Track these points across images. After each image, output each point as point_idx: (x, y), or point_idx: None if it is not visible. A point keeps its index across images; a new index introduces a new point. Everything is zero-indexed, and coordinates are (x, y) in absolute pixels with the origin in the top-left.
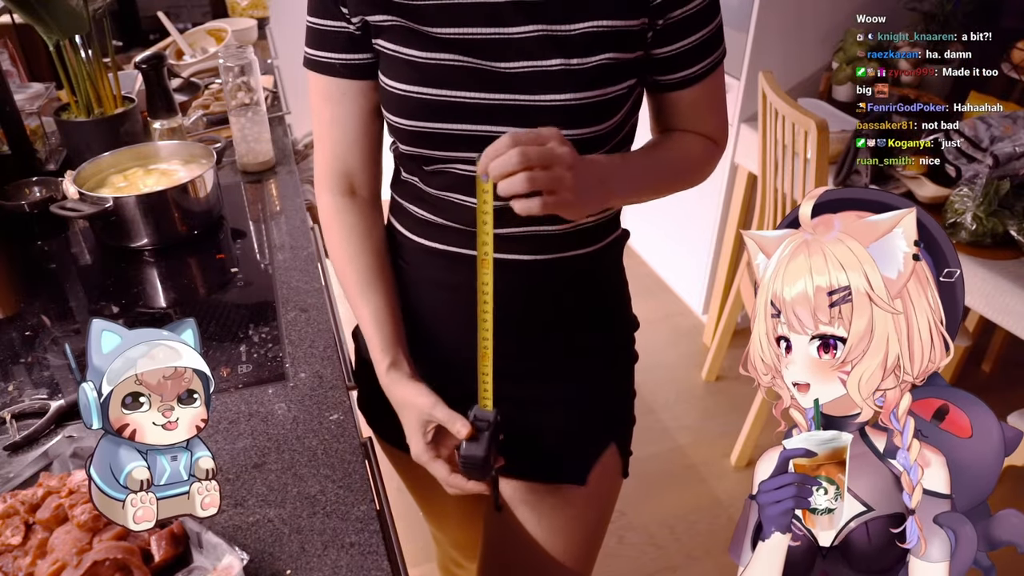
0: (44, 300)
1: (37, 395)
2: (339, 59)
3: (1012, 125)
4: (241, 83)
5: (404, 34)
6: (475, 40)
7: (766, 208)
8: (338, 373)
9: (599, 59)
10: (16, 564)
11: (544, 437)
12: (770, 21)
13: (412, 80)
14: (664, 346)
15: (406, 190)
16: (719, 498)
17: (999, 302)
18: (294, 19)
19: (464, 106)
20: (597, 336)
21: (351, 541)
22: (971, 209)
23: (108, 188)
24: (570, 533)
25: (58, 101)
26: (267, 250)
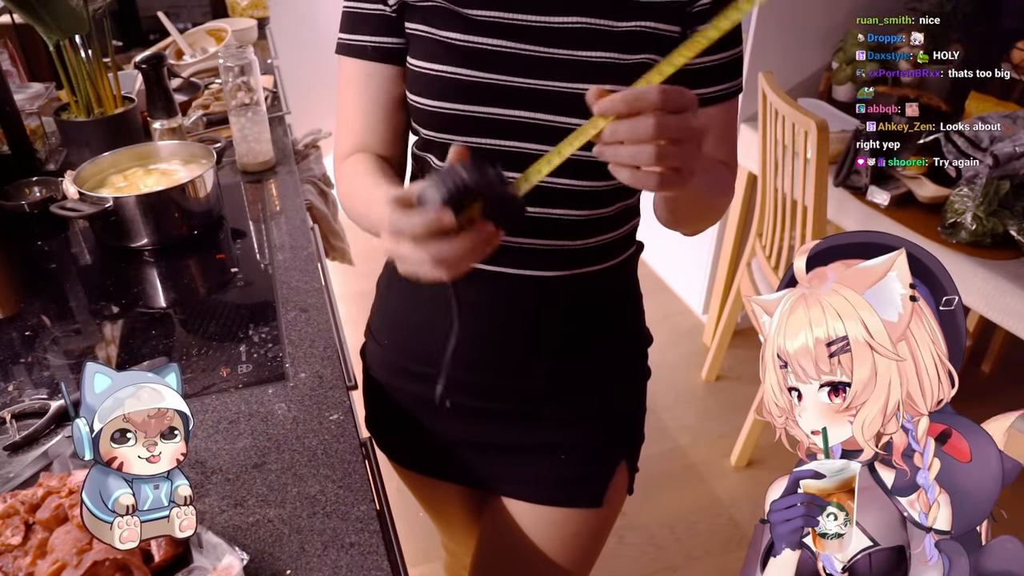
0: (44, 300)
1: (37, 395)
2: (372, 42)
3: (1012, 125)
4: (241, 83)
5: (443, 16)
6: (515, 25)
7: (766, 208)
8: (338, 373)
9: (642, 57)
10: (16, 564)
11: (560, 456)
12: (770, 21)
13: (445, 60)
14: (664, 346)
15: None
16: (719, 498)
17: (999, 302)
18: (294, 19)
19: (497, 88)
20: (612, 352)
21: (351, 541)
22: (971, 209)
23: (108, 188)
24: (570, 550)
25: (58, 101)
26: (267, 250)
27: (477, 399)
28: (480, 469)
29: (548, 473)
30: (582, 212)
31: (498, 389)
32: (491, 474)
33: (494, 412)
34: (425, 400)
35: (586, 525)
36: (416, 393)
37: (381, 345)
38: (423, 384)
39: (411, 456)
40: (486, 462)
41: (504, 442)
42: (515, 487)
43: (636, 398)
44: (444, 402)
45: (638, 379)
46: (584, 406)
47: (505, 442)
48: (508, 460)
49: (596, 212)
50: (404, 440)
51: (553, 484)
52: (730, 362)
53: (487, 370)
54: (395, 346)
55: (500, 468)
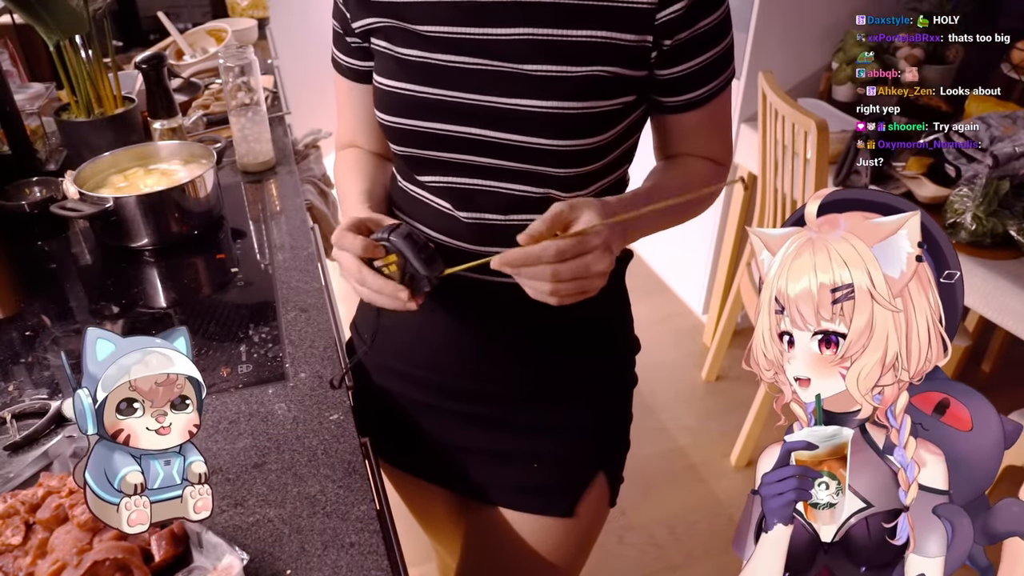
0: (44, 300)
1: (37, 395)
2: (347, 62)
3: (1012, 125)
4: (241, 83)
5: (394, 33)
6: (464, 40)
7: (766, 208)
8: (338, 373)
9: (590, 70)
10: (16, 564)
11: (533, 464)
12: (770, 21)
13: (401, 77)
14: (664, 346)
15: (403, 199)
16: (719, 498)
17: (999, 302)
18: (294, 19)
19: (447, 104)
20: (597, 361)
21: (351, 541)
22: (971, 209)
23: (108, 188)
24: (549, 560)
25: (58, 101)
26: (267, 250)
27: (458, 402)
28: (463, 473)
29: (523, 480)
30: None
31: (479, 394)
32: (473, 478)
33: (475, 417)
34: (408, 398)
35: (564, 535)
36: (399, 391)
37: (365, 342)
38: (404, 382)
39: (395, 453)
40: (468, 466)
41: (483, 447)
42: (495, 492)
43: (620, 407)
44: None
45: (622, 389)
46: (559, 416)
47: (484, 447)
48: (488, 466)
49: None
50: (390, 437)
51: (528, 492)
52: (730, 362)
53: (470, 375)
54: (377, 343)
55: (481, 473)
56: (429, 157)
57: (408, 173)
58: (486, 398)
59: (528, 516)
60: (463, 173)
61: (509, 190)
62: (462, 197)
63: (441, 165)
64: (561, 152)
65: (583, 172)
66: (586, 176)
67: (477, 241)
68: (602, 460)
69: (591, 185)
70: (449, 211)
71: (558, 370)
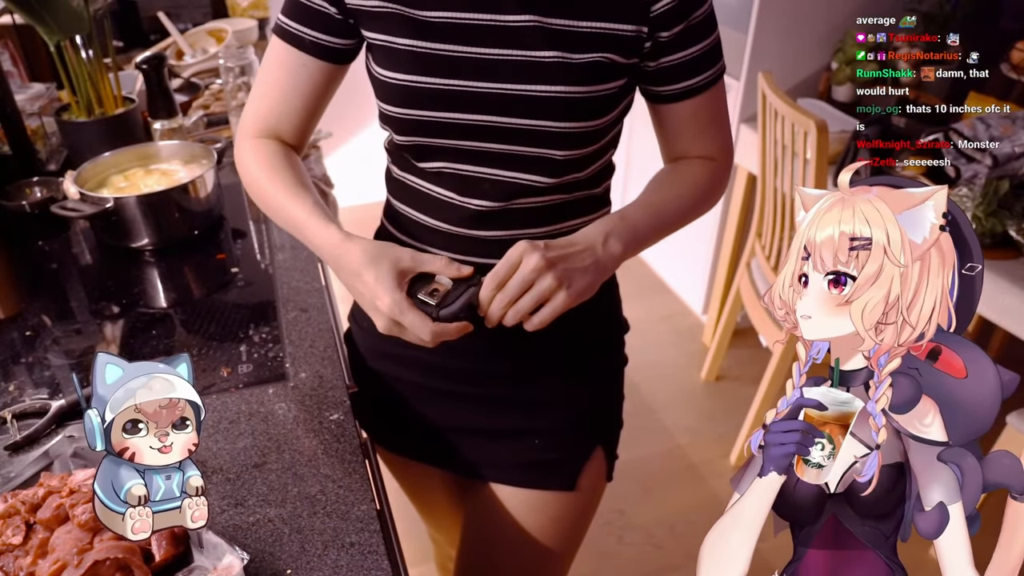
0: (45, 300)
1: (38, 395)
2: (314, 36)
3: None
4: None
5: (398, 22)
6: (469, 25)
7: (766, 208)
8: (338, 373)
9: (592, 57)
10: (17, 564)
11: (533, 440)
12: (770, 21)
13: (404, 68)
14: (664, 346)
15: (400, 189)
16: (719, 498)
17: (999, 302)
18: None
19: (454, 93)
20: (588, 339)
21: (351, 541)
22: (970, 209)
23: (109, 188)
24: (550, 535)
25: (59, 101)
26: (267, 250)
27: (456, 383)
28: (461, 453)
29: (523, 457)
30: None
31: (476, 373)
32: (471, 458)
33: (472, 396)
34: (407, 383)
35: (563, 510)
36: (398, 376)
37: (363, 328)
38: (403, 367)
39: (395, 439)
40: (467, 446)
41: (482, 426)
42: (493, 470)
43: (613, 384)
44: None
45: (614, 366)
46: (557, 392)
47: (483, 426)
48: (487, 444)
49: (558, 198)
50: (388, 423)
51: (527, 467)
52: (730, 362)
53: (466, 355)
54: (374, 329)
55: (480, 452)
56: (435, 145)
57: (407, 162)
58: (484, 377)
59: (529, 492)
60: (467, 160)
61: (511, 176)
62: (465, 184)
63: (446, 152)
64: (568, 134)
65: (584, 154)
66: (585, 159)
67: (477, 227)
68: (600, 435)
69: (587, 168)
70: (450, 199)
71: (554, 348)
